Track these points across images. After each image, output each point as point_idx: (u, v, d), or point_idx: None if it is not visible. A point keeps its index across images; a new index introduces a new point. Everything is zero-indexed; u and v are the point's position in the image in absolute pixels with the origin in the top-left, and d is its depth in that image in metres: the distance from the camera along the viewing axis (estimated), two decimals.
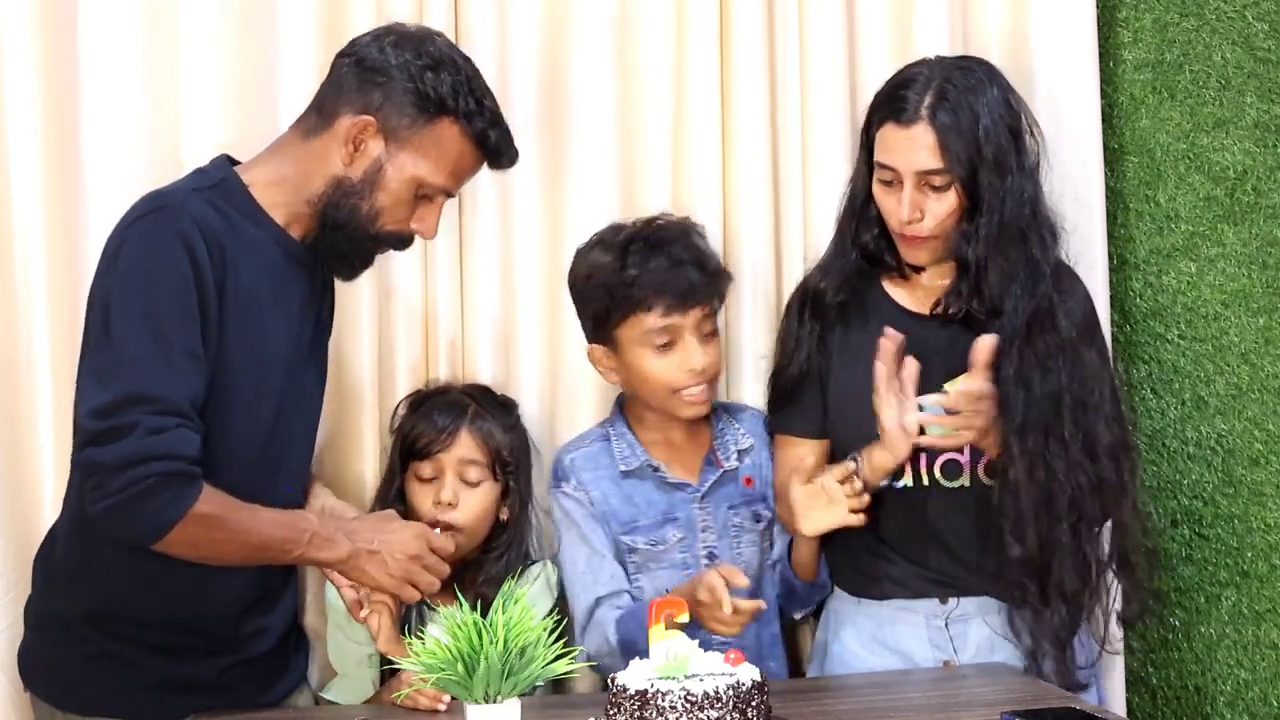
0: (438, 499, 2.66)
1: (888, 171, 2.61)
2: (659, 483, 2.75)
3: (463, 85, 2.40)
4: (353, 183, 2.40)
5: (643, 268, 2.65)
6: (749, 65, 2.97)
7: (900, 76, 2.65)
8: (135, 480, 2.23)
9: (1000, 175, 2.57)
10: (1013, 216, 2.59)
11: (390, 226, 2.43)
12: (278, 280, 2.42)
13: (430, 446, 2.68)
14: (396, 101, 2.38)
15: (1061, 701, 2.42)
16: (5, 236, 2.73)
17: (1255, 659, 3.10)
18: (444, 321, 2.89)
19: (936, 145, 2.56)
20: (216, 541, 2.31)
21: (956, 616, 2.69)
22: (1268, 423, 3.10)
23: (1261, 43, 3.10)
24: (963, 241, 2.61)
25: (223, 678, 2.46)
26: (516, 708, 2.16)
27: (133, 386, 2.26)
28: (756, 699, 2.17)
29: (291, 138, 2.46)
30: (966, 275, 2.63)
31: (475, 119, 2.41)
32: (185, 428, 2.27)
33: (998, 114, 2.59)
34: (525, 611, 2.15)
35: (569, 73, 2.93)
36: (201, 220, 2.33)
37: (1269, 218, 3.10)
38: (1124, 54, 3.13)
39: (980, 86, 2.60)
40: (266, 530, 2.35)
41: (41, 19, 2.72)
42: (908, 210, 2.59)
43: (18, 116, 2.72)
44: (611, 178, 2.93)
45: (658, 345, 2.67)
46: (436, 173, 2.41)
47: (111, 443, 2.24)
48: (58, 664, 2.47)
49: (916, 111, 2.57)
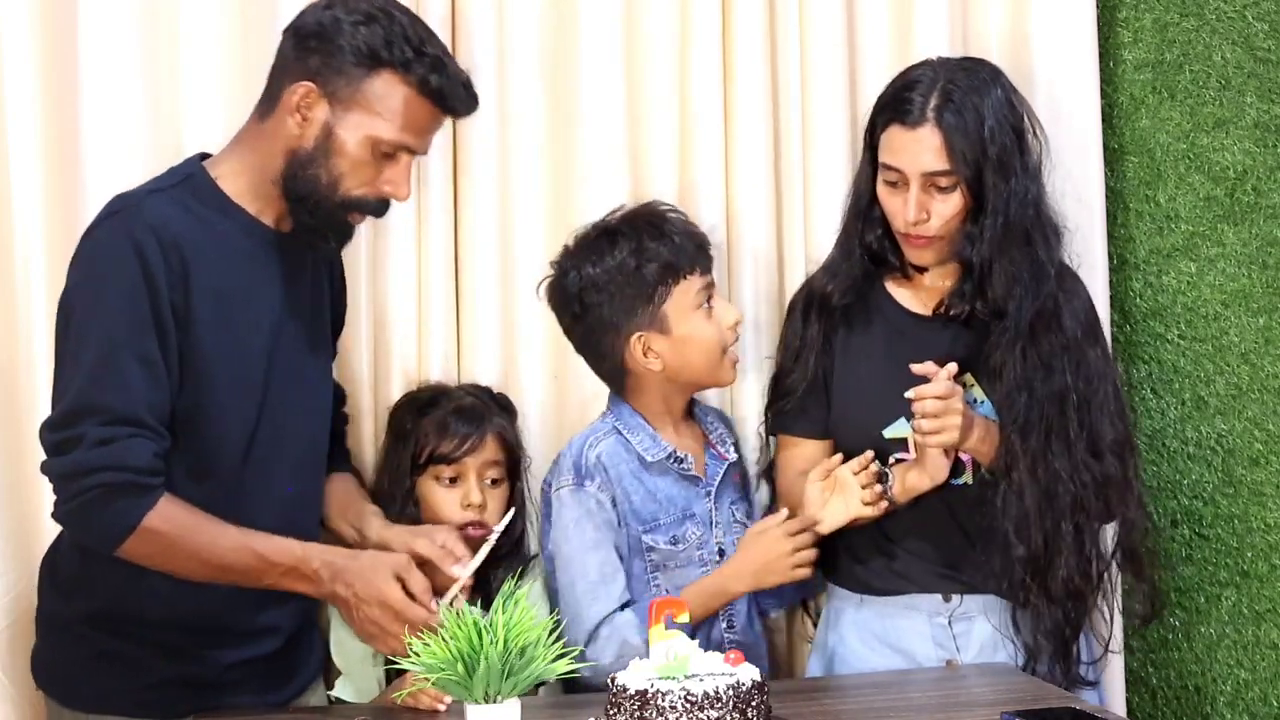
0: (467, 502, 2.67)
1: (893, 173, 2.61)
2: (679, 476, 2.73)
3: (396, 34, 2.32)
4: (307, 152, 2.34)
5: (668, 241, 2.67)
6: (751, 65, 2.97)
7: (904, 78, 2.65)
8: (83, 490, 2.25)
9: (1004, 176, 2.58)
10: (1017, 217, 2.60)
11: (357, 191, 2.36)
12: (254, 272, 2.40)
13: (456, 451, 2.68)
14: (334, 63, 2.32)
15: (1061, 701, 2.42)
16: (5, 236, 2.73)
17: (1255, 659, 3.10)
18: (439, 320, 2.88)
19: (942, 147, 2.56)
20: (174, 559, 2.31)
21: (960, 614, 2.69)
22: (1268, 423, 3.10)
23: (1261, 43, 3.10)
24: (966, 242, 2.61)
25: (229, 676, 2.46)
26: (516, 708, 2.16)
27: (81, 397, 2.27)
28: (756, 699, 2.17)
29: (250, 123, 2.43)
30: (970, 276, 2.63)
31: (414, 66, 2.32)
32: (138, 437, 2.27)
33: (1002, 114, 2.59)
34: (525, 611, 2.15)
35: (570, 73, 2.93)
36: (158, 223, 2.30)
37: (1269, 218, 3.10)
38: (1124, 54, 3.13)
39: (984, 87, 2.60)
40: (229, 556, 2.31)
41: (41, 19, 2.72)
42: (914, 211, 2.59)
43: (18, 116, 2.71)
44: (613, 179, 2.93)
45: (703, 306, 2.68)
46: (388, 129, 2.33)
47: (64, 454, 2.27)
48: (64, 663, 2.48)
49: (922, 113, 2.57)
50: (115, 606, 2.42)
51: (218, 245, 2.35)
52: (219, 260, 2.35)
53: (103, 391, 2.26)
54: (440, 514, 2.68)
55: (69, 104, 2.72)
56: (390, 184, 2.38)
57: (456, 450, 2.69)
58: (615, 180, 2.93)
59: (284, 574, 2.34)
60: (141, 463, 2.27)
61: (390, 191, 2.39)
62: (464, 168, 2.90)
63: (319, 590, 2.35)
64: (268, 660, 2.50)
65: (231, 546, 2.32)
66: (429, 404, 2.76)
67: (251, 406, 2.40)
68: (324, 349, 2.57)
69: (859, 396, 2.67)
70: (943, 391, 2.53)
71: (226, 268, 2.36)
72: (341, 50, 2.32)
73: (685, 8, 2.95)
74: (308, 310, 2.50)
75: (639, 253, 2.66)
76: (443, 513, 2.68)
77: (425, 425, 2.72)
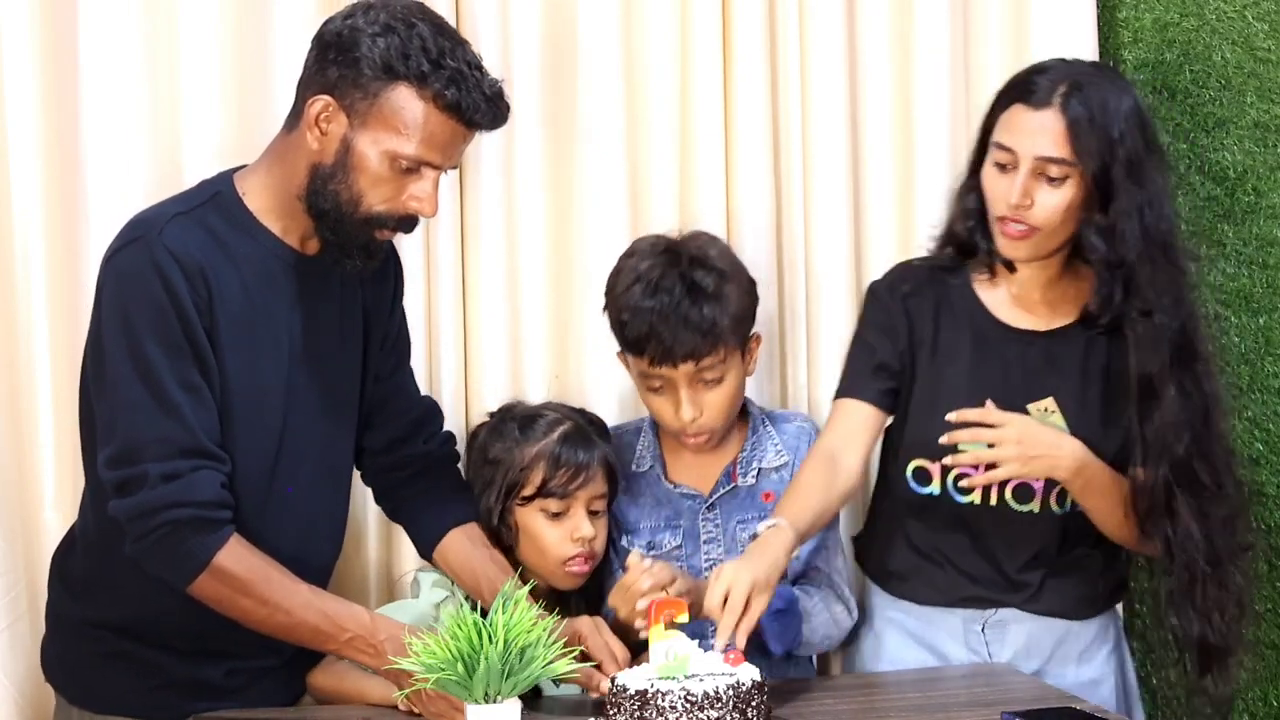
0: (577, 535, 2.59)
1: (1005, 153, 2.50)
2: (668, 489, 2.72)
3: (415, 46, 2.23)
4: (327, 167, 2.27)
5: (634, 311, 2.58)
6: (751, 65, 2.97)
7: (1035, 65, 2.57)
8: (153, 529, 2.23)
9: (1137, 180, 2.47)
10: (1153, 225, 2.49)
11: (379, 207, 2.28)
12: (275, 298, 2.35)
13: (568, 486, 2.58)
14: (352, 75, 2.24)
15: (1061, 701, 2.42)
16: (5, 236, 2.73)
17: (1255, 659, 3.09)
18: (447, 326, 2.88)
19: (1065, 133, 2.46)
20: (242, 605, 2.27)
21: (994, 621, 2.68)
22: (1268, 423, 3.10)
23: (1261, 43, 3.10)
24: (1098, 237, 2.50)
25: (234, 681, 2.45)
26: (516, 708, 2.16)
27: (134, 431, 2.23)
28: (756, 699, 2.17)
29: (279, 135, 2.37)
30: (1113, 277, 2.52)
31: (430, 79, 2.22)
32: (203, 469, 2.24)
33: (1133, 121, 2.49)
34: (525, 611, 2.15)
35: (572, 74, 2.93)
36: (180, 249, 2.25)
37: (1269, 218, 3.10)
38: (1124, 54, 3.12)
39: (1117, 91, 2.51)
40: (299, 613, 2.28)
41: (41, 19, 2.71)
42: (1018, 194, 2.47)
43: (18, 116, 2.71)
44: (616, 179, 2.93)
45: (652, 388, 2.64)
46: (407, 143, 2.24)
47: (129, 495, 2.23)
48: (73, 661, 2.47)
49: (1049, 96, 2.47)
50: (127, 614, 2.40)
51: (239, 270, 2.31)
52: (240, 286, 2.30)
53: (155, 424, 2.23)
54: (546, 548, 2.59)
55: (69, 104, 2.72)
56: (415, 200, 2.29)
57: (569, 485, 2.58)
58: (615, 180, 2.93)
59: (349, 641, 2.30)
60: (209, 495, 2.24)
61: (416, 208, 2.30)
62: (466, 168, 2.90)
63: (379, 664, 2.29)
64: (276, 671, 2.49)
65: (301, 603, 2.28)
66: (526, 427, 2.63)
67: (271, 438, 2.36)
68: (350, 375, 2.49)
69: (931, 400, 2.60)
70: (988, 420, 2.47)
71: (248, 294, 2.31)
72: (359, 62, 2.24)
73: (685, 9, 2.95)
74: (334, 336, 2.44)
75: (616, 292, 2.62)
76: (549, 548, 2.59)
77: (529, 453, 2.60)
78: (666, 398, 2.64)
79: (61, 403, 2.70)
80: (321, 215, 2.31)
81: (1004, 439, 2.50)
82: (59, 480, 2.72)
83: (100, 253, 2.35)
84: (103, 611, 2.41)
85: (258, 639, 2.40)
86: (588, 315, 2.89)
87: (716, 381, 2.63)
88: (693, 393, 2.62)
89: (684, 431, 2.65)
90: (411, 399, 2.63)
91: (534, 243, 2.92)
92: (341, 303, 2.45)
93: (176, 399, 2.24)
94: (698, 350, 2.58)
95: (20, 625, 2.67)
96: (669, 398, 2.63)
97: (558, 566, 2.60)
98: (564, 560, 2.59)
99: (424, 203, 2.30)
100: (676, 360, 2.58)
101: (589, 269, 2.91)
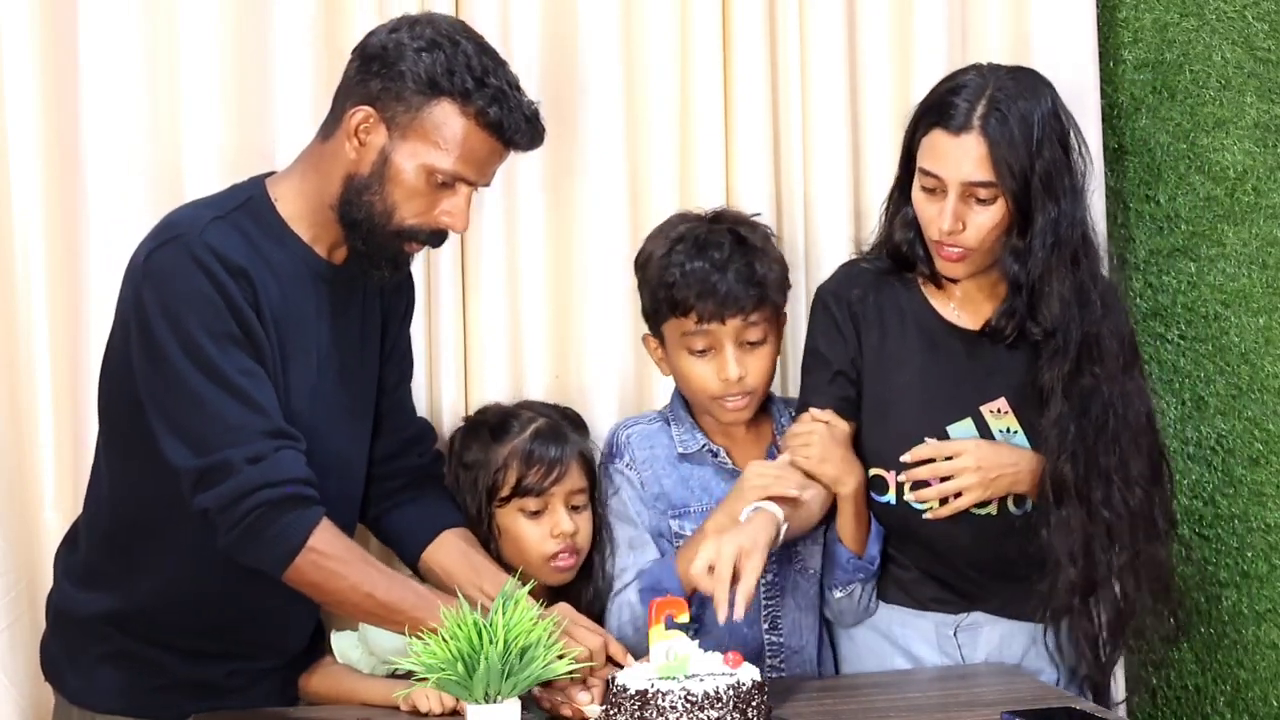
0: (557, 531, 2.59)
1: (931, 179, 2.52)
2: (718, 469, 2.70)
3: (459, 63, 2.27)
4: (363, 178, 2.30)
5: (683, 270, 2.60)
6: (751, 65, 2.97)
7: (951, 82, 2.57)
8: (246, 513, 2.21)
9: (1053, 194, 2.49)
10: (1066, 237, 2.51)
11: (411, 221, 2.31)
12: (305, 305, 2.35)
13: (543, 482, 2.59)
14: (394, 88, 2.27)
15: (1061, 701, 2.42)
16: (5, 236, 2.72)
17: (1255, 659, 3.10)
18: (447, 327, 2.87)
19: (987, 157, 2.47)
20: (337, 589, 2.25)
21: (966, 625, 2.69)
22: (1268, 423, 3.10)
23: (1261, 43, 3.10)
24: (1012, 259, 2.53)
25: (234, 682, 2.45)
26: (516, 708, 2.16)
27: (207, 424, 2.22)
28: (756, 699, 2.17)
29: (313, 143, 2.39)
30: (1019, 296, 2.55)
31: (473, 97, 2.27)
32: (285, 449, 2.24)
33: (1050, 127, 2.50)
34: (525, 611, 2.15)
35: (572, 74, 2.93)
36: (222, 249, 2.26)
37: (1269, 218, 3.10)
38: (1124, 54, 3.13)
39: (1034, 98, 2.51)
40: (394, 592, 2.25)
41: (41, 19, 2.72)
42: (949, 220, 2.50)
43: (18, 116, 2.71)
44: (616, 179, 2.93)
45: (695, 350, 2.64)
46: (445, 159, 2.28)
47: (216, 484, 2.21)
48: (73, 659, 2.47)
49: (967, 120, 2.48)
50: (131, 608, 2.40)
51: (274, 274, 2.31)
52: (277, 290, 2.31)
53: (227, 411, 2.22)
54: (527, 547, 2.59)
55: (69, 104, 2.72)
56: (448, 215, 2.33)
57: (543, 481, 2.58)
58: (615, 180, 2.93)
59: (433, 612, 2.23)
60: (299, 473, 2.24)
61: (448, 223, 2.33)
62: None
63: None
64: (276, 670, 2.50)
65: (388, 585, 2.27)
66: (499, 429, 2.65)
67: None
68: (368, 385, 2.51)
69: (881, 411, 2.63)
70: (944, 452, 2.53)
71: (283, 298, 2.32)
72: (403, 76, 2.27)
73: (685, 9, 2.95)
74: (355, 346, 2.45)
75: (654, 263, 2.64)
76: (530, 546, 2.59)
77: (502, 454, 2.61)
78: (710, 361, 2.64)
79: (62, 403, 2.70)
80: (354, 225, 2.33)
81: (962, 469, 2.53)
82: (59, 480, 2.72)
83: (100, 253, 2.35)
84: (106, 605, 2.42)
85: (258, 639, 2.41)
86: (588, 315, 2.90)
87: (758, 344, 2.64)
88: (739, 352, 2.63)
89: (725, 395, 2.65)
90: (409, 417, 2.65)
91: (534, 243, 2.92)
92: (363, 312, 2.47)
93: (241, 383, 2.23)
94: (748, 303, 2.60)
95: (20, 625, 2.67)
96: (712, 360, 2.63)
97: (543, 564, 2.60)
98: (547, 557, 2.59)
99: (456, 218, 2.33)
100: (726, 315, 2.60)
101: (589, 269, 2.91)
